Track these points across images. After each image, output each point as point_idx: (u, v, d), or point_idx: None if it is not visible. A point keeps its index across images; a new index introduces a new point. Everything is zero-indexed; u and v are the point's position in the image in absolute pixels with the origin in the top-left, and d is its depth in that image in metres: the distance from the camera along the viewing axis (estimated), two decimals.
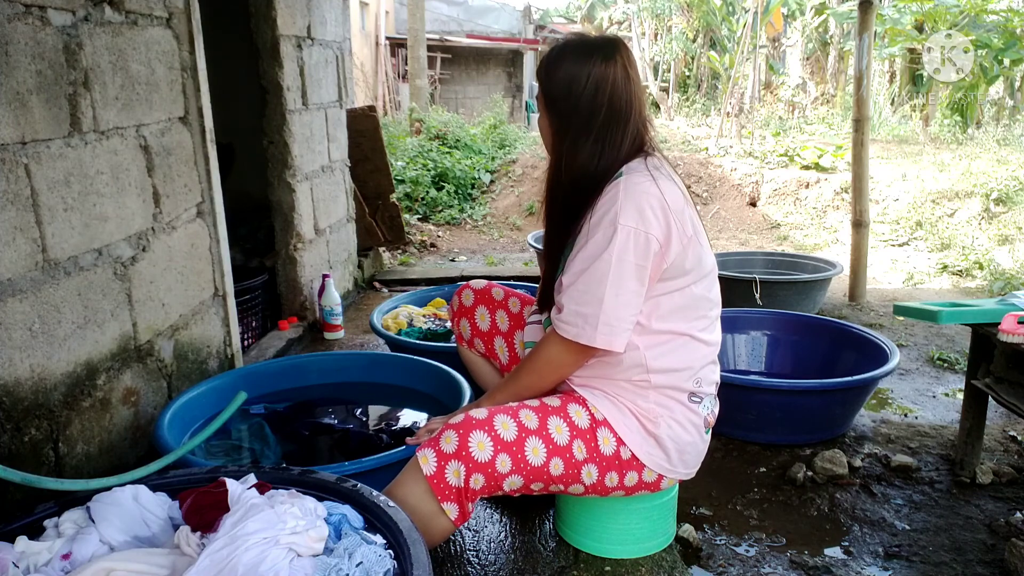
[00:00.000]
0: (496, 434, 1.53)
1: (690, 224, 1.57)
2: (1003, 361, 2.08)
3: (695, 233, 1.58)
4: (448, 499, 1.50)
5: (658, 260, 1.53)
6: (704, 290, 1.63)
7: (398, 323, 3.13)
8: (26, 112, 1.68)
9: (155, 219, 2.24)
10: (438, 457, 1.51)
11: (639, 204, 1.49)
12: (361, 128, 4.54)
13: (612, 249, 1.49)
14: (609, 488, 1.64)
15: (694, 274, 1.59)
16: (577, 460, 1.58)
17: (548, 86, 1.62)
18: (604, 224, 1.51)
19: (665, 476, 1.66)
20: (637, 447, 1.60)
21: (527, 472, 1.55)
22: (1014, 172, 6.45)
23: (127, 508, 1.39)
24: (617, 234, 1.49)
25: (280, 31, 3.29)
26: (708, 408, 1.70)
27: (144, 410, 2.18)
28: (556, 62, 1.60)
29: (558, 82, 1.59)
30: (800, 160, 7.84)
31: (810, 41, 14.41)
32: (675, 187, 1.57)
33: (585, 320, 1.52)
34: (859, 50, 4.19)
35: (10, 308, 1.64)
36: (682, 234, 1.54)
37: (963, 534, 2.05)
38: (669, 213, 1.51)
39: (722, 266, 4.29)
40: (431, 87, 14.66)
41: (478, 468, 1.50)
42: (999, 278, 4.83)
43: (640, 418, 1.61)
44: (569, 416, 1.60)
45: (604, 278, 1.50)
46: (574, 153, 1.58)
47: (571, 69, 1.58)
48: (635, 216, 1.49)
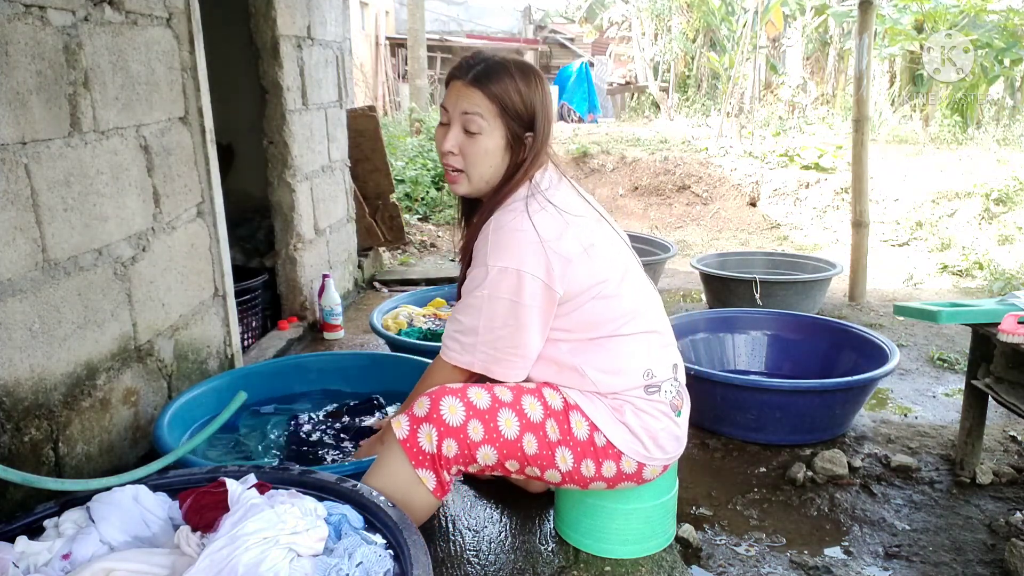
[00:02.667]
0: (469, 401, 1.55)
1: (578, 242, 1.56)
2: (1003, 361, 2.08)
3: (588, 247, 1.58)
4: (423, 465, 1.52)
5: (545, 292, 1.54)
6: (618, 290, 1.62)
7: (398, 323, 3.13)
8: (26, 112, 1.68)
9: (155, 219, 2.24)
10: (410, 421, 1.54)
11: (510, 244, 1.53)
12: (361, 128, 4.54)
13: (485, 287, 1.54)
14: (587, 478, 1.62)
15: (600, 285, 1.59)
16: (551, 440, 1.58)
17: (517, 104, 1.59)
18: (479, 263, 1.56)
19: (646, 464, 1.63)
20: (610, 432, 1.59)
21: (500, 444, 1.55)
22: (1014, 172, 6.45)
23: (127, 508, 1.39)
24: (489, 274, 1.53)
25: (280, 31, 3.29)
26: (670, 392, 1.66)
27: (144, 410, 2.18)
28: (535, 80, 1.61)
29: (529, 103, 1.59)
30: (800, 160, 7.84)
31: (810, 41, 14.40)
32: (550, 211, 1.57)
33: (462, 347, 1.61)
34: (859, 50, 4.19)
35: (10, 308, 1.64)
36: (568, 261, 1.54)
37: (963, 534, 2.05)
38: (543, 246, 1.52)
39: (722, 266, 4.33)
40: (431, 87, 14.65)
41: (450, 432, 1.52)
42: (999, 278, 4.84)
43: (608, 407, 1.61)
44: (543, 397, 1.61)
45: (479, 312, 1.56)
46: (521, 175, 1.61)
47: (542, 89, 1.62)
48: (506, 257, 1.52)
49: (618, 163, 8.59)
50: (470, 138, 1.58)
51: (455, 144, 1.59)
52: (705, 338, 3.15)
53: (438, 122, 1.65)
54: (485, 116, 1.56)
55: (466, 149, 1.59)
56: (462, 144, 1.59)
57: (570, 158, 8.79)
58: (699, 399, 2.63)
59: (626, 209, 7.99)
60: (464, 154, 1.59)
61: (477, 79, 1.57)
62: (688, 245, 6.74)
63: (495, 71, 1.57)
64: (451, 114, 1.60)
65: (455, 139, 1.59)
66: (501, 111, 1.56)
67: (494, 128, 1.57)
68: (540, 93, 1.61)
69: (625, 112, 16.69)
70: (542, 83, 1.62)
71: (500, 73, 1.57)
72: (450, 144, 1.59)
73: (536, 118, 1.60)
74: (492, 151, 1.58)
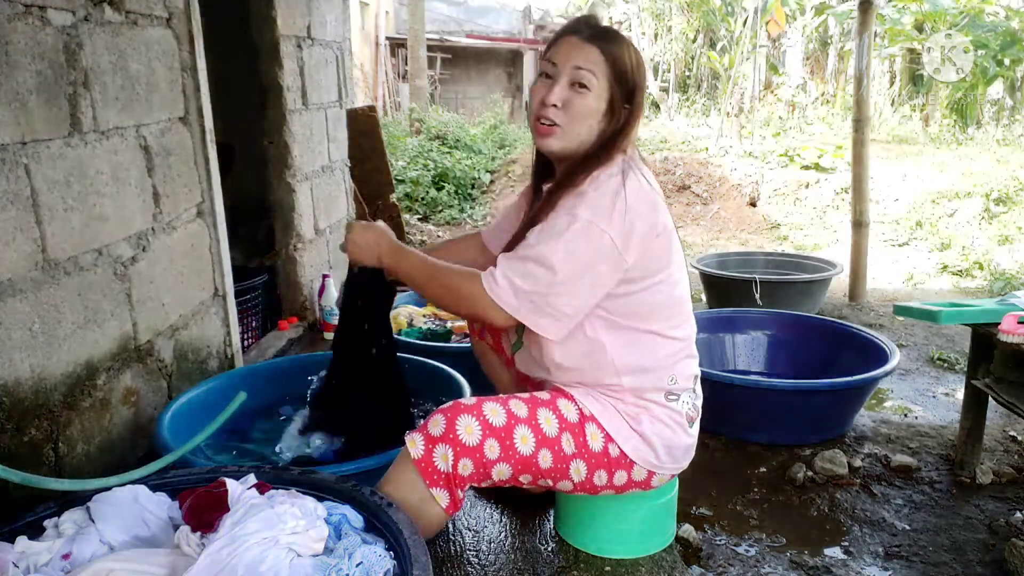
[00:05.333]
0: (485, 419, 1.53)
1: (661, 223, 1.56)
2: (1003, 361, 2.08)
3: (664, 231, 1.57)
4: (437, 484, 1.50)
5: (616, 259, 1.51)
6: (672, 287, 1.62)
7: (398, 323, 3.13)
8: (26, 112, 1.68)
9: (155, 219, 2.24)
10: (426, 441, 1.51)
11: (601, 202, 1.50)
12: (361, 128, 4.55)
13: (565, 238, 1.49)
14: (598, 487, 1.63)
15: (663, 273, 1.59)
16: (566, 454, 1.58)
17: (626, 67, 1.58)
18: (564, 211, 1.52)
19: (656, 473, 1.65)
20: (624, 442, 1.60)
21: (515, 461, 1.54)
22: (1014, 172, 6.45)
23: (127, 508, 1.39)
24: (574, 224, 1.49)
25: (280, 31, 3.28)
26: (688, 403, 1.68)
27: (144, 410, 2.18)
28: (634, 48, 1.61)
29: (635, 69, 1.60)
30: (800, 160, 7.85)
31: (810, 41, 14.40)
32: (646, 186, 1.57)
33: (514, 291, 1.52)
34: (859, 50, 4.19)
35: (10, 308, 1.64)
36: (646, 236, 1.53)
37: (963, 534, 2.05)
38: (633, 214, 1.50)
39: (722, 266, 4.32)
40: (431, 87, 14.66)
41: (466, 452, 1.50)
42: (999, 278, 4.84)
43: (624, 415, 1.62)
44: (559, 409, 1.60)
45: (547, 259, 1.49)
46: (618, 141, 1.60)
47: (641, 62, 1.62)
48: (595, 212, 1.49)
49: None
50: (577, 93, 1.56)
51: (560, 97, 1.57)
52: (705, 338, 3.15)
53: (538, 76, 1.64)
54: (597, 75, 1.55)
55: (570, 104, 1.57)
56: (567, 98, 1.57)
57: None
58: None
59: None
60: (567, 108, 1.57)
61: (596, 37, 1.57)
62: (688, 245, 6.74)
63: (614, 35, 1.60)
64: (559, 68, 1.58)
65: (561, 92, 1.57)
66: (612, 74, 1.56)
67: (602, 89, 1.56)
68: (644, 71, 1.63)
69: None
70: (644, 65, 1.65)
71: (618, 38, 1.59)
72: (555, 96, 1.56)
73: (637, 91, 1.61)
74: (595, 111, 1.57)
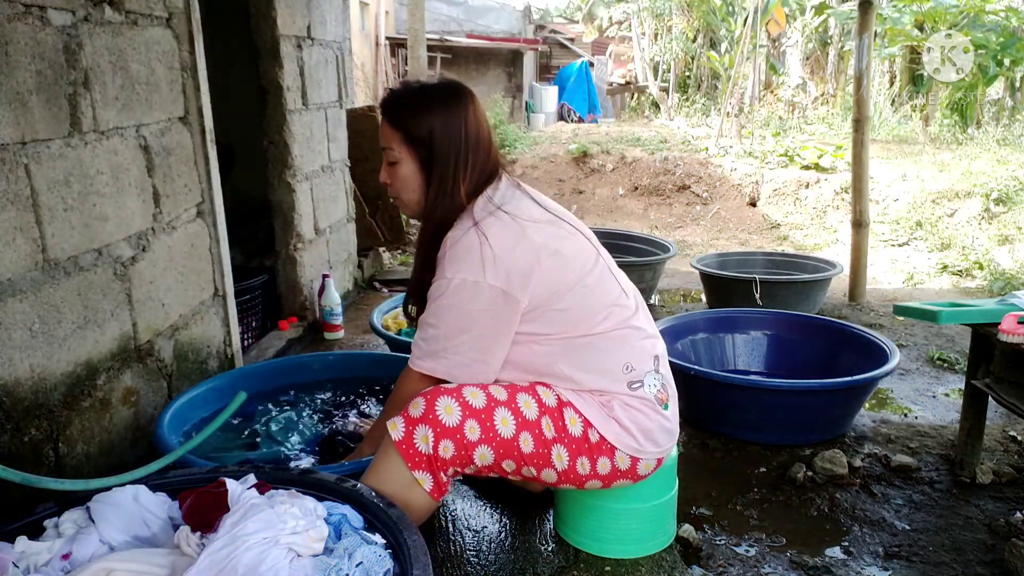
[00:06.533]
0: (465, 400, 1.55)
1: (541, 247, 1.59)
2: (1003, 361, 2.08)
3: (551, 252, 1.60)
4: (419, 467, 1.52)
5: (504, 303, 1.56)
6: (587, 291, 1.63)
7: (398, 323, 3.13)
8: (26, 112, 1.68)
9: (155, 219, 2.24)
10: (406, 423, 1.54)
11: (466, 260, 1.55)
12: (361, 128, 4.54)
13: (445, 297, 1.57)
14: (583, 476, 1.62)
15: (577, 286, 1.61)
16: (546, 438, 1.58)
17: (415, 130, 1.64)
18: (439, 276, 1.60)
19: (640, 459, 1.64)
20: (602, 427, 1.61)
21: (497, 444, 1.55)
22: (1014, 172, 6.46)
23: (127, 508, 1.39)
24: (450, 285, 1.56)
25: (280, 31, 3.29)
26: (654, 386, 1.67)
27: (144, 410, 2.18)
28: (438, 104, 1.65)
29: (424, 127, 1.63)
30: (800, 160, 7.85)
31: (810, 41, 14.41)
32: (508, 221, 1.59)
33: (426, 354, 1.63)
34: (859, 50, 4.19)
35: (10, 308, 1.64)
36: (531, 269, 1.56)
37: (963, 534, 2.06)
38: (507, 259, 1.54)
39: (722, 266, 4.33)
40: None
41: (446, 433, 1.52)
42: (999, 278, 4.84)
43: (598, 404, 1.63)
44: (538, 394, 1.62)
45: (440, 320, 1.59)
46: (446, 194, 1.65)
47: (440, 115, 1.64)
48: (461, 270, 1.55)
49: (618, 163, 8.60)
50: (392, 168, 1.69)
51: (384, 176, 1.72)
52: (705, 338, 3.15)
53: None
54: (395, 146, 1.66)
55: (393, 179, 1.70)
56: (389, 174, 1.71)
57: (570, 158, 8.80)
58: (699, 399, 2.64)
59: (626, 209, 8.00)
60: (393, 183, 1.71)
61: (386, 112, 1.69)
62: (688, 245, 6.75)
63: (396, 101, 1.69)
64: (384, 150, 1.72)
65: (384, 171, 1.72)
66: (404, 139, 1.65)
67: (406, 157, 1.66)
68: (443, 116, 1.64)
69: (625, 112, 16.69)
70: (448, 107, 1.65)
71: (400, 102, 1.68)
72: (382, 176, 1.73)
73: (434, 140, 1.64)
74: (409, 176, 1.67)
